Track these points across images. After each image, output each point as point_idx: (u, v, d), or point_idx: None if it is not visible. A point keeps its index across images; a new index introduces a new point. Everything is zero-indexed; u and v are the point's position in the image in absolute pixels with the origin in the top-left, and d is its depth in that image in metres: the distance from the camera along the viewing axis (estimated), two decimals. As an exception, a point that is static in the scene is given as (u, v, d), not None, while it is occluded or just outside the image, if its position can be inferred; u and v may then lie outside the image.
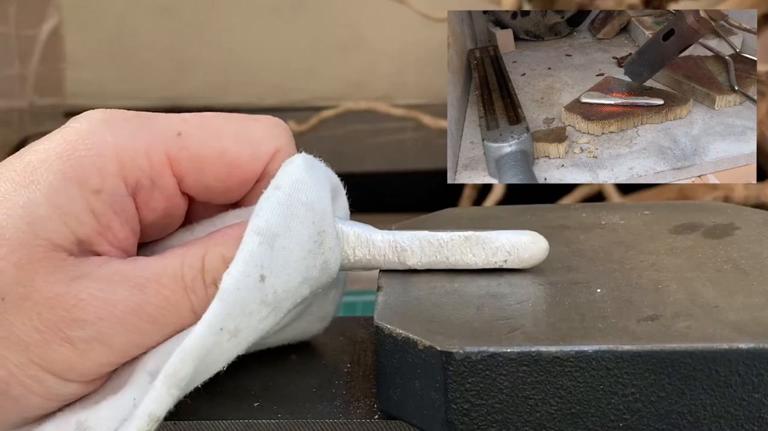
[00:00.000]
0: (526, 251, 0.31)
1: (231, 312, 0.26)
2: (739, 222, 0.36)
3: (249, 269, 0.27)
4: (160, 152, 0.28)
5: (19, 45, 1.18)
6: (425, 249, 0.31)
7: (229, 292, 0.26)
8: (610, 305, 0.28)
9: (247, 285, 0.26)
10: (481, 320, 0.27)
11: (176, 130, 0.29)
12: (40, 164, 0.27)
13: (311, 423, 0.29)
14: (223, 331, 0.26)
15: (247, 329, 0.27)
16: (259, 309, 0.27)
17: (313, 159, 0.30)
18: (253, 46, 1.23)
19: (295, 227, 0.28)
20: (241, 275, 0.26)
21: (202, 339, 0.26)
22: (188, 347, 0.26)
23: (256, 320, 0.27)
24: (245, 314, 0.27)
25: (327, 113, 1.03)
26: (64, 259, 0.26)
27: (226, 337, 0.26)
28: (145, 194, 0.28)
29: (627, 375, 0.25)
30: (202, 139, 0.29)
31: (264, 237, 0.27)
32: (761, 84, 0.81)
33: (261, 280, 0.27)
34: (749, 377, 0.25)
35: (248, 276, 0.26)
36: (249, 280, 0.26)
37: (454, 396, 0.26)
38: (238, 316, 0.26)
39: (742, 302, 0.28)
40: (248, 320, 0.27)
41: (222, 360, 0.27)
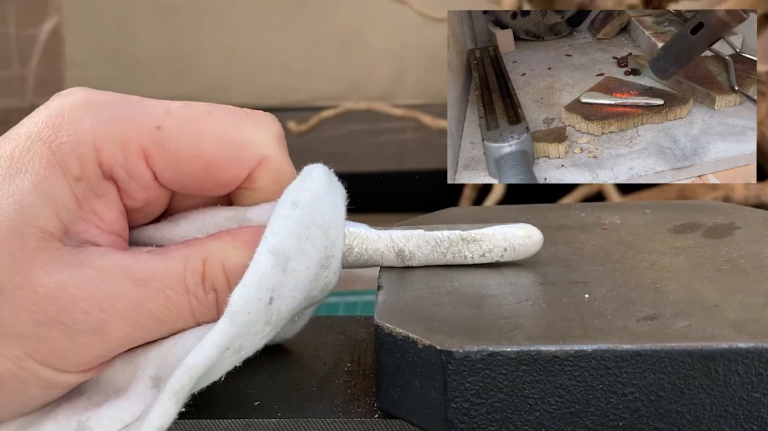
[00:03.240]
0: (521, 244, 0.31)
1: (239, 333, 0.26)
2: (739, 222, 0.36)
3: (261, 292, 0.26)
4: (136, 143, 0.27)
5: (19, 45, 1.18)
6: (422, 247, 0.31)
7: (239, 315, 0.26)
8: (610, 304, 0.28)
9: (257, 308, 0.26)
10: (480, 319, 0.27)
11: (157, 122, 0.28)
12: (26, 151, 0.26)
13: (311, 422, 0.29)
14: (229, 350, 0.26)
15: (250, 346, 0.27)
16: (263, 329, 0.27)
17: (330, 173, 0.30)
18: (253, 46, 1.23)
19: (308, 250, 0.28)
20: (253, 298, 0.26)
21: (210, 358, 0.26)
22: (194, 364, 0.26)
23: (259, 338, 0.27)
24: (250, 334, 0.27)
25: (327, 112, 1.03)
26: (58, 248, 0.26)
27: (229, 354, 0.27)
28: (122, 182, 0.28)
29: (626, 374, 0.25)
30: (181, 137, 0.28)
31: (278, 259, 0.27)
32: (761, 84, 0.81)
33: (270, 302, 0.27)
34: (748, 376, 0.25)
35: (260, 300, 0.26)
36: (260, 303, 0.27)
37: (453, 395, 0.26)
38: (244, 336, 0.27)
39: (741, 301, 0.28)
40: (252, 339, 0.27)
41: (220, 372, 0.27)
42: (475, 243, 0.31)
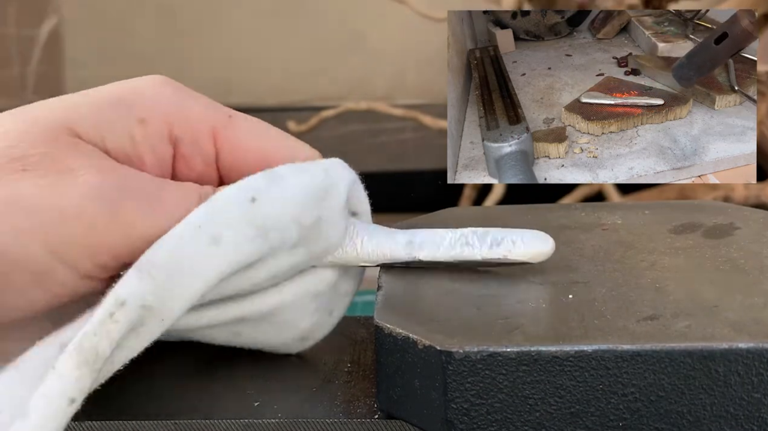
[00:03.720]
0: (534, 237, 0.31)
1: (212, 216, 0.27)
2: (739, 222, 0.36)
3: (241, 191, 0.28)
4: (209, 122, 0.30)
5: (19, 45, 1.18)
6: (431, 236, 0.31)
7: (215, 200, 0.27)
8: (610, 304, 0.28)
9: (237, 199, 0.27)
10: (480, 319, 0.27)
11: (229, 113, 0.31)
12: (97, 86, 0.29)
13: (311, 423, 0.29)
14: (202, 230, 0.27)
15: (230, 242, 0.27)
16: (245, 228, 0.27)
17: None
18: (253, 46, 1.23)
19: (303, 177, 0.29)
20: (232, 190, 0.27)
21: (179, 231, 0.26)
22: (164, 237, 0.26)
23: (241, 237, 0.27)
24: (229, 226, 0.27)
25: (327, 112, 1.03)
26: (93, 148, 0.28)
27: (204, 240, 0.27)
28: (185, 150, 0.30)
29: (626, 374, 0.25)
30: (249, 129, 0.31)
31: (268, 174, 0.28)
32: (761, 84, 0.81)
33: (251, 201, 0.27)
34: (749, 376, 0.25)
35: (239, 191, 0.27)
36: (239, 194, 0.27)
37: (453, 396, 0.26)
38: (220, 224, 0.27)
39: (741, 301, 0.28)
40: (232, 234, 0.27)
41: (205, 267, 0.27)
42: (485, 233, 0.31)
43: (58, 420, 0.25)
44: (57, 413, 0.24)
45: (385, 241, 0.31)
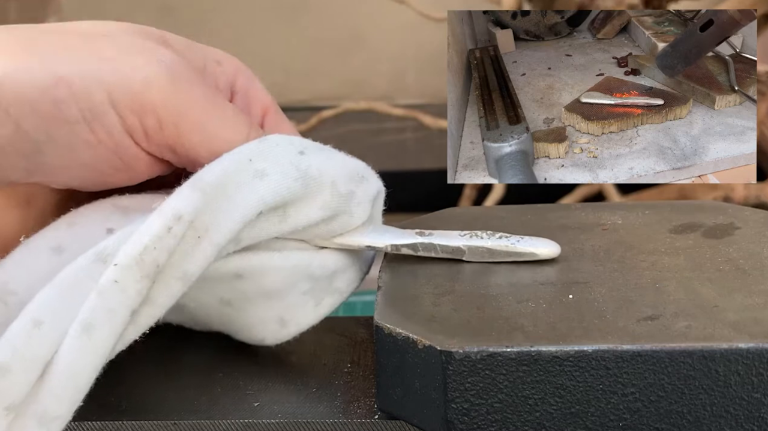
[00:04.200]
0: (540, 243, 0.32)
1: (263, 153, 0.29)
2: (739, 222, 0.36)
3: (293, 144, 0.30)
4: (266, 100, 0.34)
5: (19, 45, 1.17)
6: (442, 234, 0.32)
7: (267, 140, 0.30)
8: (610, 304, 0.28)
9: (288, 146, 0.30)
10: (481, 319, 0.27)
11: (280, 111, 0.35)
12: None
13: (311, 423, 0.29)
14: (252, 164, 0.28)
15: (274, 179, 0.29)
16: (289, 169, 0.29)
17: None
18: (253, 45, 1.23)
19: (347, 157, 0.31)
20: (285, 138, 0.30)
21: (231, 159, 0.28)
22: (216, 161, 0.28)
23: (284, 176, 0.29)
24: (276, 164, 0.29)
25: (327, 112, 1.03)
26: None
27: (252, 172, 0.28)
28: (238, 101, 0.33)
29: (626, 374, 0.25)
30: (289, 130, 0.34)
31: (318, 143, 0.31)
32: (761, 84, 0.81)
33: (300, 153, 0.30)
34: (749, 376, 0.25)
35: (291, 143, 0.30)
36: (291, 146, 0.30)
37: (453, 396, 0.26)
38: (269, 161, 0.29)
39: (741, 301, 0.28)
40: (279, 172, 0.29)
41: (249, 197, 0.28)
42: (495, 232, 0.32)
43: (119, 333, 0.26)
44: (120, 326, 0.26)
45: (395, 229, 0.33)
